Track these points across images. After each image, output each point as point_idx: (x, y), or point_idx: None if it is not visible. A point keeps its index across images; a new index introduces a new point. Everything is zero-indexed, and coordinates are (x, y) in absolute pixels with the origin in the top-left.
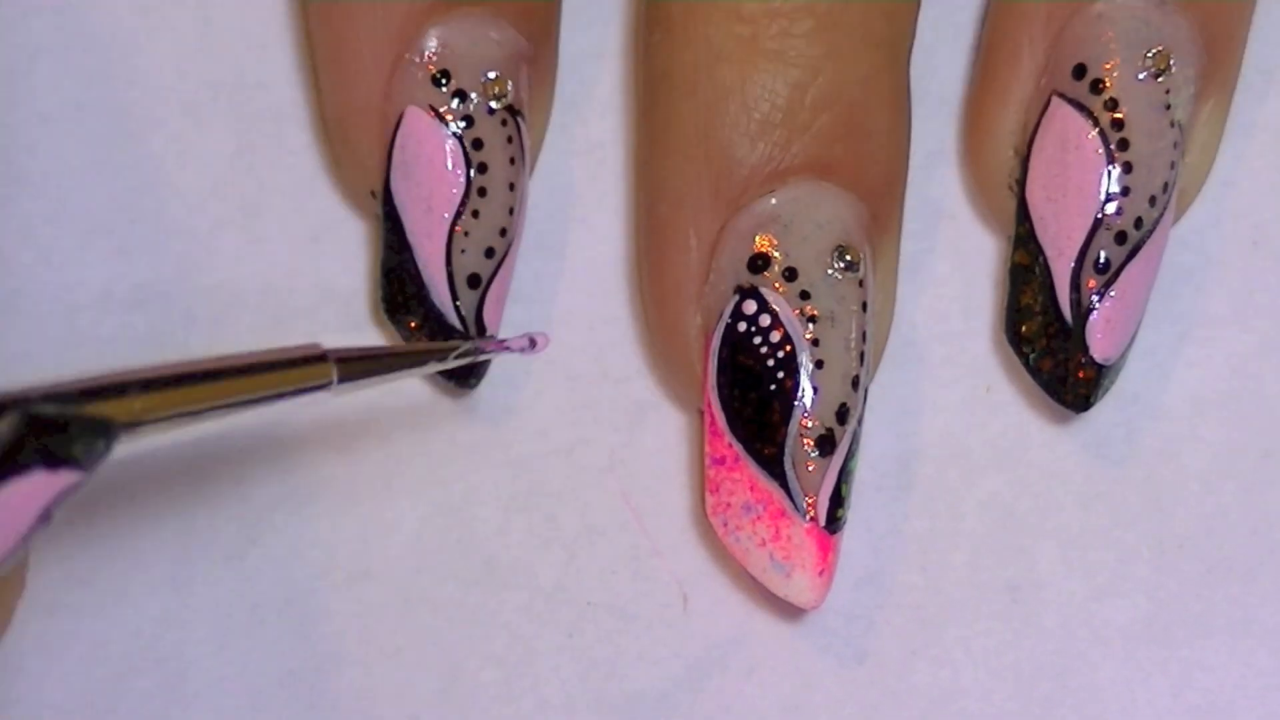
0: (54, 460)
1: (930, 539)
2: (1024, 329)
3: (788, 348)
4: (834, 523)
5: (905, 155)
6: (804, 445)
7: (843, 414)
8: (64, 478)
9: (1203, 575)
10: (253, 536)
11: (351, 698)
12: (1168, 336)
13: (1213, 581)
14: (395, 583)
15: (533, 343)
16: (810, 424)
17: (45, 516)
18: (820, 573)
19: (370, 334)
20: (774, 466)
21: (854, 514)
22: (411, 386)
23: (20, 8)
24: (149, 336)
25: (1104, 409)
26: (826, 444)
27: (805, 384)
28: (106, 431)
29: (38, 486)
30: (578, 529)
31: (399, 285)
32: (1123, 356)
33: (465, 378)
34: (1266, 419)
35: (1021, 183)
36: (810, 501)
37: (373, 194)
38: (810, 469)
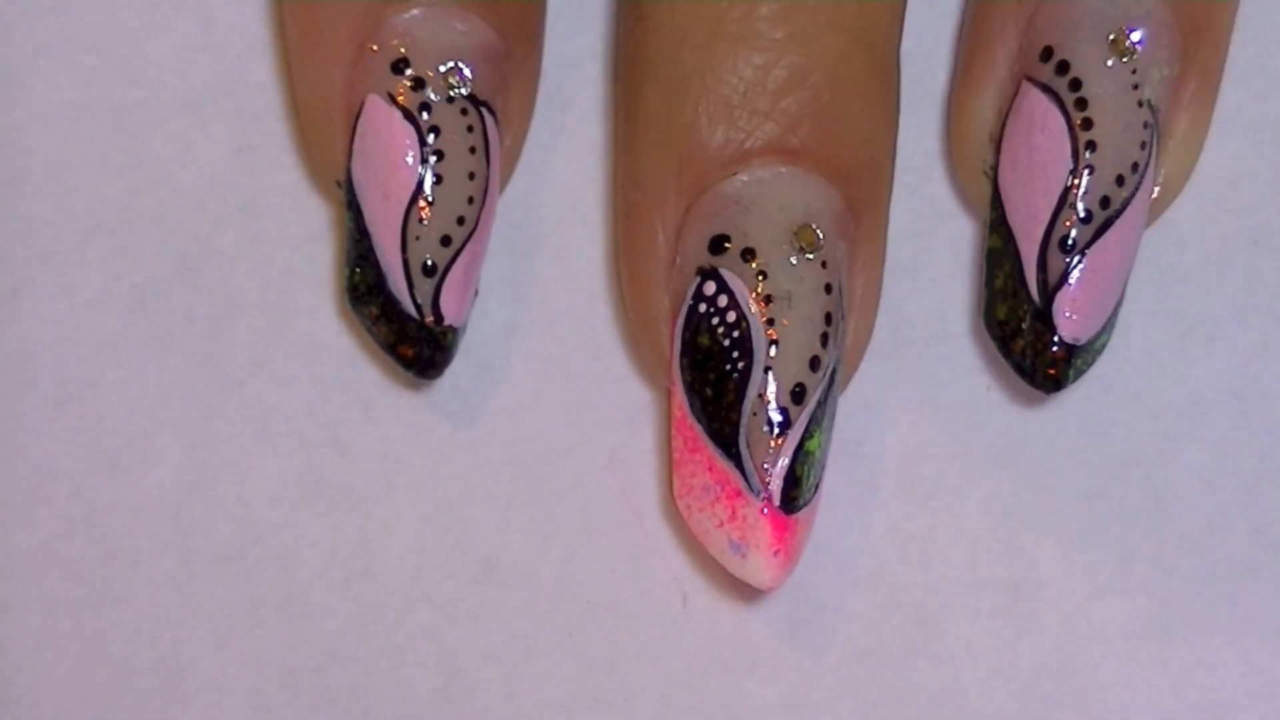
0: None
1: (930, 539)
2: (998, 312)
3: (743, 327)
4: (790, 504)
5: (884, 140)
6: (758, 425)
7: (799, 394)
8: None
9: (1203, 575)
10: (253, 536)
11: (351, 698)
12: (1168, 336)
13: (1213, 581)
14: (395, 583)
15: None
16: (765, 404)
17: None
18: (775, 553)
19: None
20: (730, 447)
21: (854, 514)
22: (410, 385)
23: (20, 8)
24: (149, 336)
25: (1104, 408)
26: (782, 424)
27: (760, 364)
28: None
29: None
30: (577, 528)
31: (361, 273)
32: (1097, 338)
33: (425, 369)
34: (1266, 419)
35: (995, 167)
36: (764, 481)
37: (338, 184)
38: (765, 449)
